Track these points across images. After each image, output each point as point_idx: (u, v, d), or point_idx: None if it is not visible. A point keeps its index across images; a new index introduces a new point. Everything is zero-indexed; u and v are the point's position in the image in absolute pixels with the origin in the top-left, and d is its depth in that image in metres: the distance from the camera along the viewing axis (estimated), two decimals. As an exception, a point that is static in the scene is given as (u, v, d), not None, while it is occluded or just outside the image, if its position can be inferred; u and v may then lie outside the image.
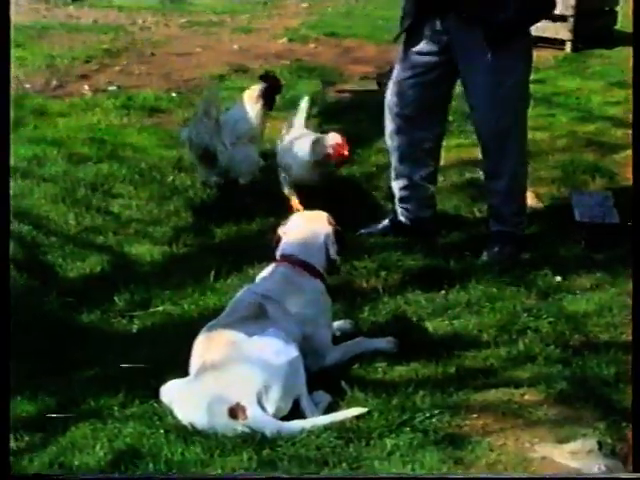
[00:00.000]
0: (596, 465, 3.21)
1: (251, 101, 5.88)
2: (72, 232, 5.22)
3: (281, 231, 4.07)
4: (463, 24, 4.79)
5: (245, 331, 3.62)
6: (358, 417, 3.48)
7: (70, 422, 3.52)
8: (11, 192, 5.51)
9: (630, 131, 7.15)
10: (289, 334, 3.67)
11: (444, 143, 5.47)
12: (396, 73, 5.17)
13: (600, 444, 3.32)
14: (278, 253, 4.02)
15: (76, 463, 3.27)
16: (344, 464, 3.23)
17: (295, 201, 5.48)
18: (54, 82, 8.37)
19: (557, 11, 9.74)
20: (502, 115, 4.87)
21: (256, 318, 3.71)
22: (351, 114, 7.42)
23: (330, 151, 5.29)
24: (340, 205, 4.94)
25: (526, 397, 3.69)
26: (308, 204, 5.12)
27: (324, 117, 7.59)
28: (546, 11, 5.23)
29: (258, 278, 4.03)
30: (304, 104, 5.84)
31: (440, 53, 4.93)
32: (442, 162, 6.31)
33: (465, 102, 5.19)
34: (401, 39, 5.17)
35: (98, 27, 10.91)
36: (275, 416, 3.44)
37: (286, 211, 5.10)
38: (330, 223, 4.03)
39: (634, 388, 3.09)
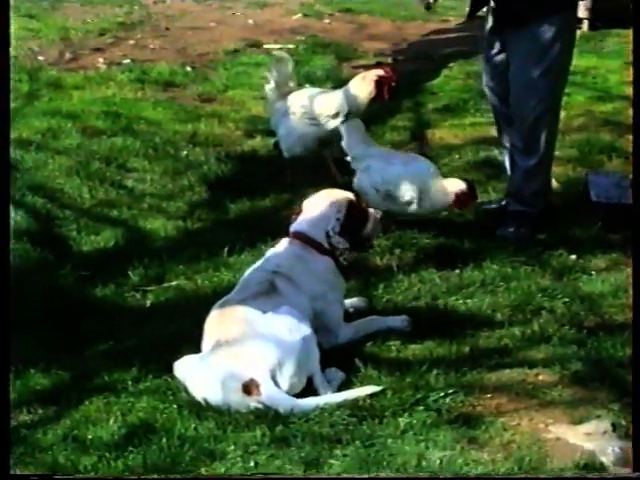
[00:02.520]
0: (610, 446, 3.20)
1: (359, 85, 5.48)
2: (86, 206, 5.22)
3: (301, 207, 4.06)
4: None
5: (258, 308, 3.62)
6: (371, 395, 3.48)
7: (84, 396, 3.53)
8: (25, 165, 5.53)
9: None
10: (301, 311, 3.67)
11: (458, 121, 5.46)
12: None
13: (614, 426, 3.31)
14: (291, 228, 4.01)
15: (89, 437, 3.28)
16: (357, 442, 3.23)
17: None
18: (68, 55, 8.35)
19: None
20: (534, 96, 4.86)
21: (268, 294, 3.71)
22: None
23: (453, 200, 4.77)
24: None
25: (540, 377, 3.68)
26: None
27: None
28: None
29: (268, 253, 4.02)
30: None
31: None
32: (457, 140, 6.33)
33: (480, 80, 5.18)
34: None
35: (112, 0, 10.87)
36: (289, 393, 3.44)
37: (300, 188, 5.08)
38: (350, 204, 4.00)
39: (634, 388, 3.08)
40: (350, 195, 4.07)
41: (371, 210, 4.11)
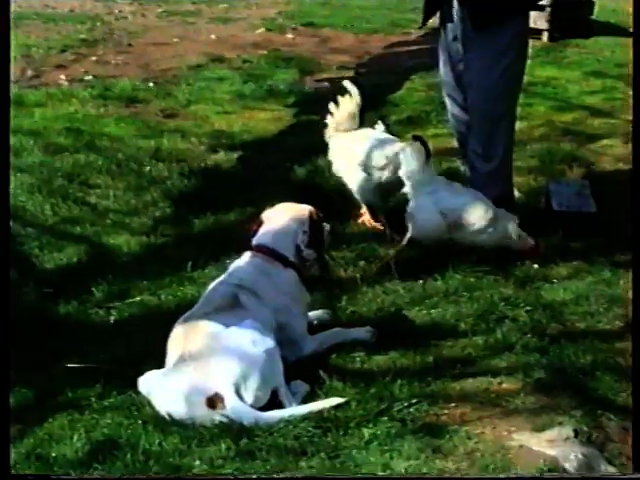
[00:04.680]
0: (572, 453, 3.23)
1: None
2: (49, 223, 5.20)
3: (260, 220, 4.07)
4: (462, 9, 4.89)
5: (222, 322, 3.62)
6: (336, 406, 3.48)
7: (48, 413, 3.51)
8: (-13, 183, 5.49)
9: (608, 120, 7.26)
10: (265, 324, 3.68)
11: (421, 133, 5.48)
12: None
13: (576, 432, 3.33)
14: (253, 242, 4.02)
15: (53, 454, 3.26)
16: (322, 453, 3.23)
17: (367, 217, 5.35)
18: (30, 72, 8.33)
19: (534, 1, 9.81)
20: (492, 99, 4.91)
21: (231, 308, 3.72)
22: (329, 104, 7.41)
23: (531, 247, 4.85)
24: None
25: (504, 386, 3.70)
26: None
27: (302, 107, 7.60)
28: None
29: (231, 267, 4.02)
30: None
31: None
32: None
33: (440, 92, 5.22)
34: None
35: (74, 16, 10.87)
36: (253, 406, 3.44)
37: (265, 202, 5.09)
38: (311, 216, 4.02)
39: (634, 389, 3.10)
40: (309, 207, 4.08)
41: (324, 222, 4.13)
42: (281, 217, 4.03)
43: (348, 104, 5.45)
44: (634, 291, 3.25)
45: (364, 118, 5.64)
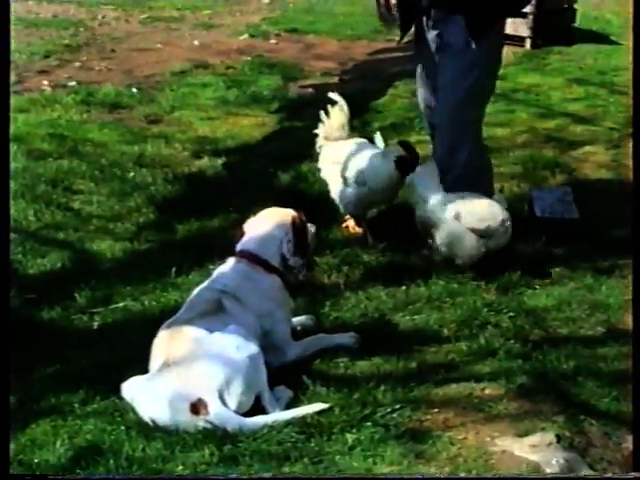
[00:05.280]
0: (555, 458, 3.24)
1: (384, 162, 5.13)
2: (32, 228, 5.18)
3: (245, 226, 4.08)
4: (441, 16, 4.84)
5: (205, 327, 3.62)
6: (320, 412, 3.49)
7: (30, 419, 3.50)
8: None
9: (590, 127, 7.29)
10: (249, 330, 3.68)
11: (404, 140, 5.49)
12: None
13: (559, 437, 3.35)
14: (237, 248, 4.02)
15: (36, 460, 3.26)
16: (305, 459, 3.24)
17: (351, 223, 5.36)
18: (13, 77, 8.29)
19: (517, 8, 9.85)
20: (460, 107, 4.89)
21: (215, 314, 3.72)
22: (313, 110, 7.41)
23: None
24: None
25: (486, 391, 3.71)
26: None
27: (286, 113, 7.61)
28: (515, 8, 5.25)
29: (215, 273, 4.03)
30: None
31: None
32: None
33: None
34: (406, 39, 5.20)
35: (57, 22, 10.84)
36: (237, 412, 3.44)
37: (249, 208, 5.10)
38: (294, 221, 4.03)
39: (634, 389, 3.11)
40: (291, 212, 4.09)
41: (308, 224, 4.13)
42: (265, 223, 4.04)
43: (338, 114, 5.49)
44: (634, 292, 3.27)
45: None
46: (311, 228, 4.14)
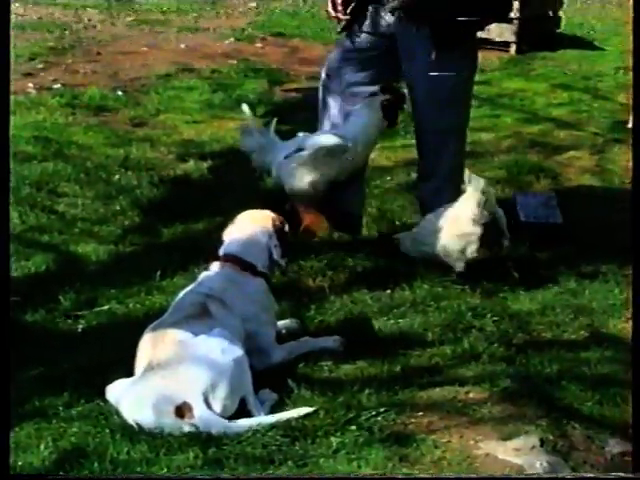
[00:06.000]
0: (538, 461, 3.26)
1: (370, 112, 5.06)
2: (17, 231, 5.16)
3: (227, 230, 4.09)
4: (410, 22, 4.77)
5: (190, 330, 3.61)
6: (304, 415, 3.49)
7: (14, 422, 3.48)
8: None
9: (574, 132, 7.33)
10: (234, 333, 3.68)
11: (389, 144, 5.50)
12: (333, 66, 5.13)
13: (542, 441, 3.36)
14: (221, 252, 4.03)
15: (20, 463, 3.24)
16: (290, 462, 3.24)
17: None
18: (-2, 80, 8.28)
19: (502, 14, 9.89)
20: (442, 115, 4.88)
21: (200, 317, 3.71)
22: (298, 114, 7.44)
23: None
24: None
25: (470, 395, 3.72)
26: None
27: (271, 117, 7.59)
28: (498, 14, 5.22)
29: (200, 276, 4.03)
30: None
31: (383, 48, 4.94)
32: (389, 162, 6.41)
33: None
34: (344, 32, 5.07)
35: (43, 25, 10.81)
36: (222, 415, 3.44)
37: (234, 211, 5.11)
38: (275, 223, 4.04)
39: (634, 390, 3.13)
40: (271, 216, 4.10)
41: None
42: (246, 226, 4.06)
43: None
44: (634, 292, 3.28)
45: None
46: (285, 227, 4.15)
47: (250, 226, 4.05)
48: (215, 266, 4.00)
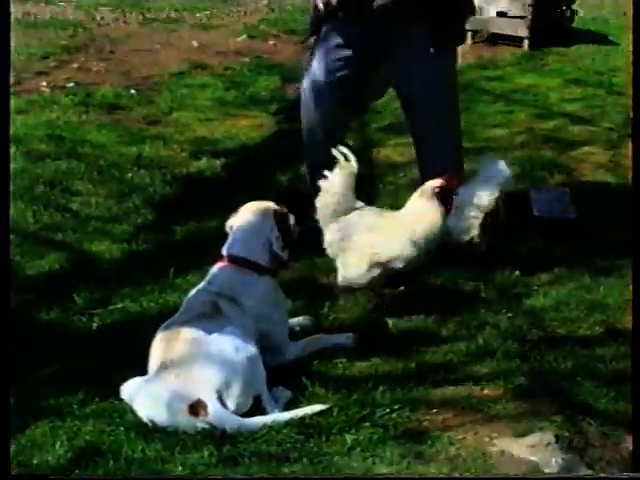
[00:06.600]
0: (553, 458, 3.25)
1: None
2: (31, 229, 5.19)
3: (229, 221, 4.07)
4: (404, 19, 4.69)
5: (203, 329, 3.62)
6: (319, 412, 3.49)
7: (29, 420, 3.50)
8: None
9: (588, 127, 7.29)
10: (246, 331, 3.68)
11: (403, 140, 5.48)
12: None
13: (557, 437, 3.35)
14: (224, 250, 4.01)
15: (35, 462, 3.26)
16: (305, 459, 3.24)
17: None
18: (11, 79, 8.29)
19: (515, 9, 9.88)
20: (444, 108, 4.88)
21: (212, 316, 3.71)
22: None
23: None
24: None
25: (485, 392, 3.72)
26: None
27: (284, 114, 7.60)
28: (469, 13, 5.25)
29: (208, 276, 4.01)
30: None
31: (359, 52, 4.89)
32: (402, 158, 6.39)
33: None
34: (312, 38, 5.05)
35: (56, 23, 10.82)
36: (236, 413, 3.44)
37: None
38: (276, 214, 4.03)
39: (634, 390, 3.12)
40: (272, 205, 4.08)
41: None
42: (247, 221, 4.03)
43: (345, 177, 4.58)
44: (634, 292, 3.27)
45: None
46: (291, 218, 4.12)
47: (251, 221, 4.03)
48: (220, 266, 3.99)
